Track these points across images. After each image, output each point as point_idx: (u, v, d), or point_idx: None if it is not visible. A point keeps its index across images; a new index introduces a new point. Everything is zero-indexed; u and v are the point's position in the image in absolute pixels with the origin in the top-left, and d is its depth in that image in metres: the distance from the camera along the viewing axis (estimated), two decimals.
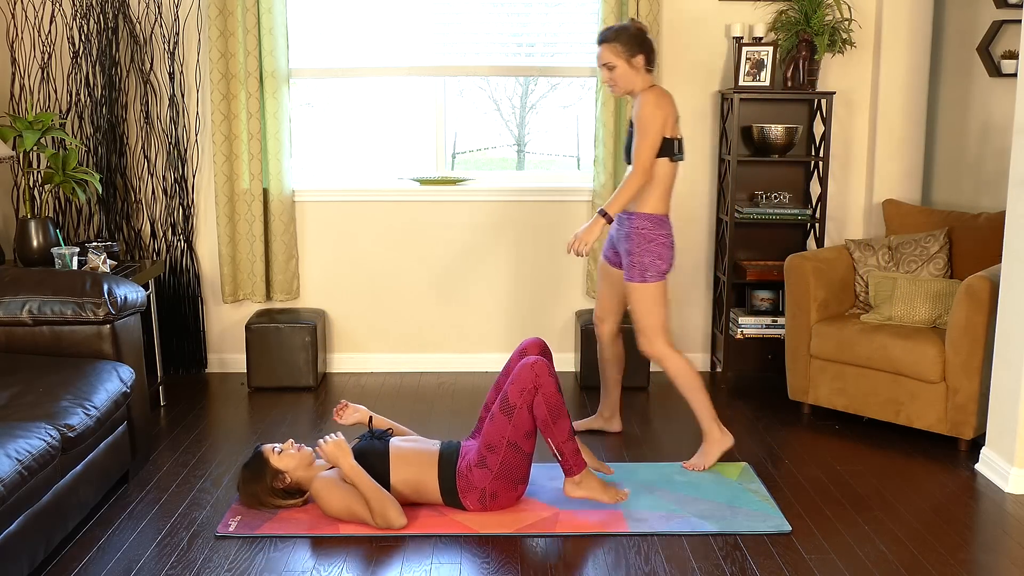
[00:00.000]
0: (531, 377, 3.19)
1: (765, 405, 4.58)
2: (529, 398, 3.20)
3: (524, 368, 3.21)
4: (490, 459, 3.26)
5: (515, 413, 3.21)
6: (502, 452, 3.24)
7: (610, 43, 3.65)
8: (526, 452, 3.28)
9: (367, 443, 3.40)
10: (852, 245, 4.53)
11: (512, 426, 3.22)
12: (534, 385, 3.19)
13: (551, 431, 3.22)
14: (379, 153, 5.23)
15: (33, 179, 4.54)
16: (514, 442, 3.24)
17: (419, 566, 3.01)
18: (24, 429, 2.85)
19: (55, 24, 4.72)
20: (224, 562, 3.03)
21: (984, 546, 3.19)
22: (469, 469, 3.29)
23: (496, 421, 3.24)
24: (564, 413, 3.23)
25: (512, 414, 3.22)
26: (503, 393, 3.25)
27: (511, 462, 3.26)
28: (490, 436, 3.26)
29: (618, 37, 3.65)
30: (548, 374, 3.21)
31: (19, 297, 3.52)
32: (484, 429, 3.30)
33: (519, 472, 3.30)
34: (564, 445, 3.25)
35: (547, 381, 3.20)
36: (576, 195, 5.01)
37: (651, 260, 3.71)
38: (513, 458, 3.26)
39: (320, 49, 4.94)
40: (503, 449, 3.24)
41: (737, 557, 3.08)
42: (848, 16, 4.82)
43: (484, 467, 3.27)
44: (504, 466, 3.26)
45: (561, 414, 3.22)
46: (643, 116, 3.61)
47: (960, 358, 3.87)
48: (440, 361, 5.14)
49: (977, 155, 4.69)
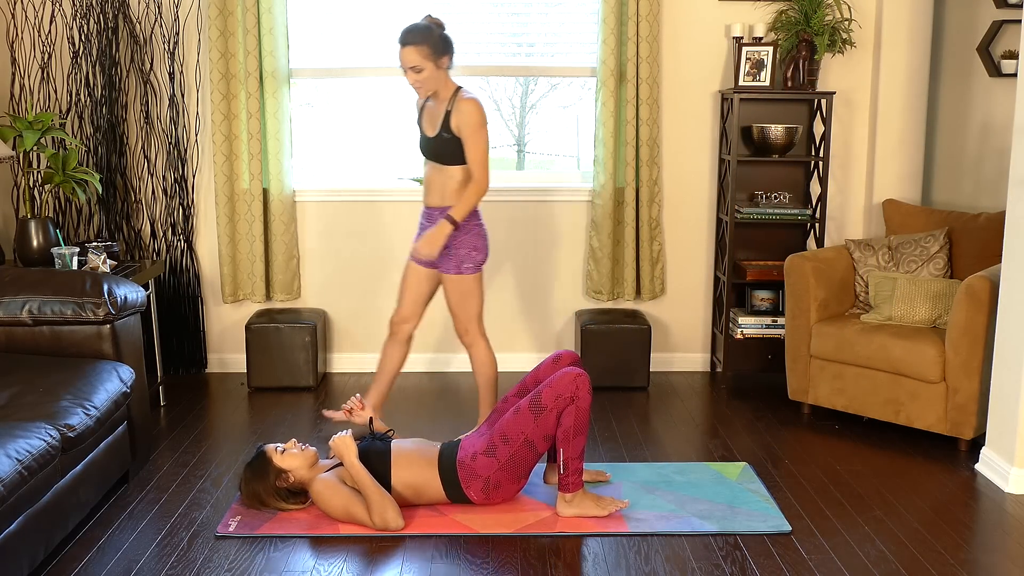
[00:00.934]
0: (572, 388, 3.21)
1: (765, 405, 4.58)
2: (563, 405, 3.22)
3: (567, 376, 3.23)
4: (501, 450, 3.27)
5: (543, 415, 3.23)
6: (516, 446, 3.26)
7: (417, 46, 3.56)
8: (538, 452, 3.30)
9: (369, 444, 3.40)
10: (852, 245, 4.53)
11: (535, 425, 3.24)
12: (572, 395, 3.21)
13: (568, 443, 3.24)
14: (379, 153, 5.23)
15: (33, 179, 4.54)
16: (532, 441, 3.26)
17: (419, 566, 3.01)
18: (24, 429, 2.85)
19: (55, 24, 4.72)
20: (224, 562, 3.03)
21: (984, 546, 3.19)
22: (473, 458, 3.30)
23: (521, 416, 3.26)
24: (586, 432, 3.26)
25: (540, 415, 3.23)
26: (536, 392, 3.27)
27: (521, 458, 3.28)
28: (509, 428, 3.27)
29: (426, 40, 3.57)
30: (588, 391, 3.23)
31: (19, 297, 3.52)
32: (503, 420, 3.31)
33: (524, 468, 3.32)
34: (572, 461, 3.27)
35: (585, 395, 3.23)
36: (576, 195, 5.01)
37: (467, 252, 3.74)
38: (525, 455, 3.28)
39: (320, 49, 4.94)
40: (518, 444, 3.26)
41: (737, 557, 3.08)
42: (848, 16, 4.82)
43: (492, 456, 3.28)
44: (513, 460, 3.28)
45: (583, 431, 3.25)
46: (475, 124, 3.63)
47: (960, 358, 3.87)
48: (440, 361, 5.14)
49: (977, 155, 4.69)
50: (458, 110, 3.63)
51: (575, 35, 4.94)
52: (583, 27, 4.92)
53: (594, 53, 4.84)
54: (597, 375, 4.78)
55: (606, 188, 4.84)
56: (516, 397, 3.51)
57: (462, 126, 3.63)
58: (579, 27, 4.93)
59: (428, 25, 3.63)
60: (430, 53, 3.58)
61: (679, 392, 4.81)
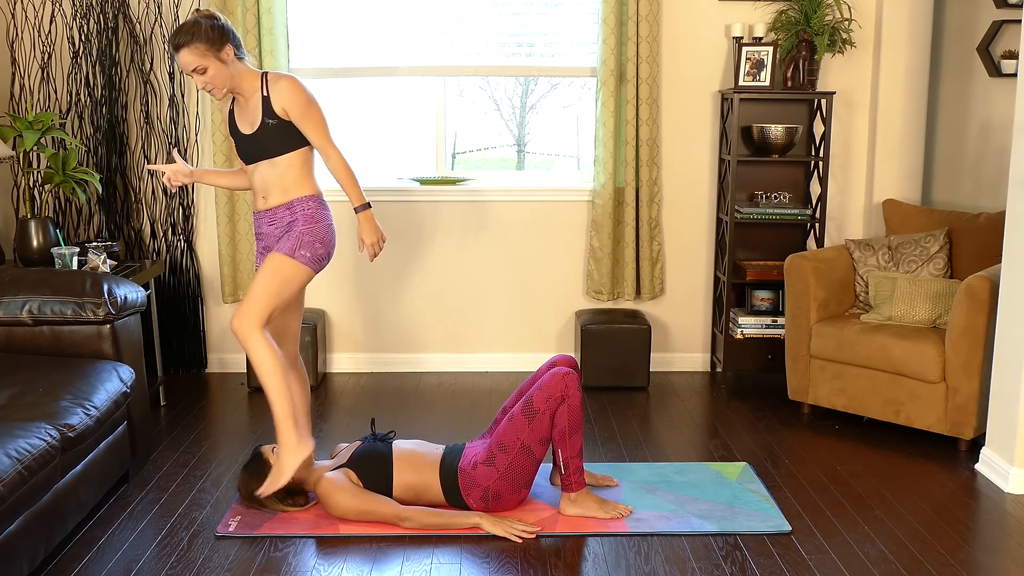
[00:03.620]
0: (561, 387, 3.21)
1: (765, 405, 4.58)
2: (554, 406, 3.22)
3: (555, 377, 3.23)
4: (499, 458, 3.27)
5: (536, 418, 3.23)
6: (513, 454, 3.26)
7: (189, 46, 3.17)
8: (536, 458, 3.29)
9: (370, 445, 3.40)
10: (852, 245, 4.53)
11: (530, 430, 3.24)
12: (562, 395, 3.21)
13: (564, 443, 3.25)
14: (379, 153, 5.23)
15: (33, 179, 4.54)
16: (528, 446, 3.25)
17: (419, 566, 3.01)
18: (24, 429, 2.85)
19: (55, 24, 4.72)
20: (224, 562, 3.03)
21: (984, 546, 3.19)
22: (474, 467, 3.29)
23: (515, 423, 3.26)
24: (581, 429, 3.27)
25: (534, 419, 3.23)
26: (527, 397, 3.27)
27: (520, 465, 3.27)
28: (505, 436, 3.27)
29: (195, 37, 3.18)
30: (577, 388, 3.23)
31: (19, 297, 3.52)
32: (499, 429, 3.31)
33: (525, 476, 3.31)
34: (572, 460, 3.28)
35: (575, 393, 3.23)
36: (576, 195, 5.01)
37: (310, 240, 3.28)
38: (523, 462, 3.27)
39: (320, 49, 4.94)
40: (515, 451, 3.25)
41: (737, 557, 3.08)
42: (848, 16, 4.82)
43: (491, 465, 3.27)
44: (512, 468, 3.26)
45: (578, 429, 3.25)
46: (304, 99, 3.26)
47: (960, 358, 3.87)
48: (440, 361, 5.14)
49: (977, 155, 4.69)
50: (278, 91, 3.26)
51: (575, 35, 4.94)
52: (583, 27, 4.92)
53: (594, 53, 4.84)
54: (597, 375, 4.78)
55: (606, 188, 4.84)
56: (514, 402, 3.51)
57: (290, 105, 3.25)
58: (579, 27, 4.93)
59: (195, 20, 3.23)
60: (206, 49, 3.18)
61: (679, 392, 4.81)
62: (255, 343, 3.19)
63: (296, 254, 3.26)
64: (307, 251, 3.27)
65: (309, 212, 3.32)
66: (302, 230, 3.28)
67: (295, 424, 3.25)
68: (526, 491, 3.37)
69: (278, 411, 3.23)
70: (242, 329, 3.19)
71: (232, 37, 3.25)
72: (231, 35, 3.25)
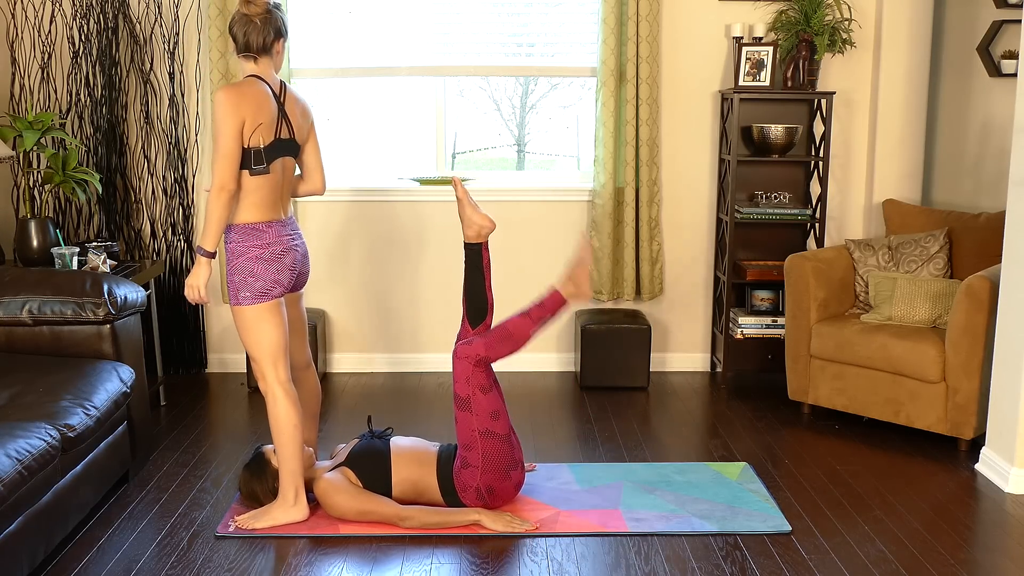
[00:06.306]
0: (463, 366, 3.24)
1: (765, 405, 4.58)
2: (474, 381, 3.23)
3: (455, 363, 3.26)
4: (471, 457, 3.27)
5: (471, 402, 3.24)
6: (479, 446, 3.26)
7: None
8: (501, 435, 3.27)
9: (368, 442, 3.40)
10: (852, 245, 4.53)
11: (475, 415, 3.24)
12: (471, 368, 3.22)
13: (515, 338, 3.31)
14: (379, 153, 5.23)
15: (33, 179, 4.54)
16: (484, 430, 3.25)
17: (419, 566, 3.01)
18: (24, 429, 2.85)
19: (55, 24, 4.72)
20: (224, 562, 3.03)
21: (984, 546, 3.19)
22: (458, 473, 3.30)
23: (460, 420, 3.28)
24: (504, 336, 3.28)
25: (469, 404, 3.24)
26: (454, 394, 3.29)
27: (492, 451, 3.26)
28: (462, 436, 3.28)
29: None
30: (468, 351, 3.23)
31: (19, 297, 3.52)
32: (457, 433, 3.31)
33: (505, 459, 3.29)
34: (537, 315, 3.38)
35: (470, 351, 3.23)
36: (576, 195, 5.01)
37: (242, 278, 3.12)
38: (492, 447, 3.26)
39: (320, 49, 4.94)
40: (478, 443, 3.26)
41: (737, 557, 3.08)
42: (848, 16, 4.82)
43: (468, 467, 3.28)
44: (487, 458, 3.26)
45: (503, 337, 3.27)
46: (214, 121, 3.07)
47: (960, 358, 3.87)
48: (440, 361, 5.13)
49: (977, 155, 4.69)
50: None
51: (575, 35, 4.94)
52: (583, 27, 4.92)
53: (594, 53, 4.84)
54: (597, 375, 4.78)
55: (606, 188, 4.84)
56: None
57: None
58: (579, 27, 4.93)
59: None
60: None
61: (679, 392, 4.81)
62: (271, 400, 3.23)
63: (240, 300, 3.15)
64: (245, 291, 3.14)
65: (230, 247, 3.16)
66: (230, 270, 3.15)
67: (298, 487, 3.26)
68: (516, 474, 3.35)
69: (285, 468, 3.26)
70: (262, 390, 3.25)
71: (232, 35, 3.24)
72: (231, 33, 3.25)
